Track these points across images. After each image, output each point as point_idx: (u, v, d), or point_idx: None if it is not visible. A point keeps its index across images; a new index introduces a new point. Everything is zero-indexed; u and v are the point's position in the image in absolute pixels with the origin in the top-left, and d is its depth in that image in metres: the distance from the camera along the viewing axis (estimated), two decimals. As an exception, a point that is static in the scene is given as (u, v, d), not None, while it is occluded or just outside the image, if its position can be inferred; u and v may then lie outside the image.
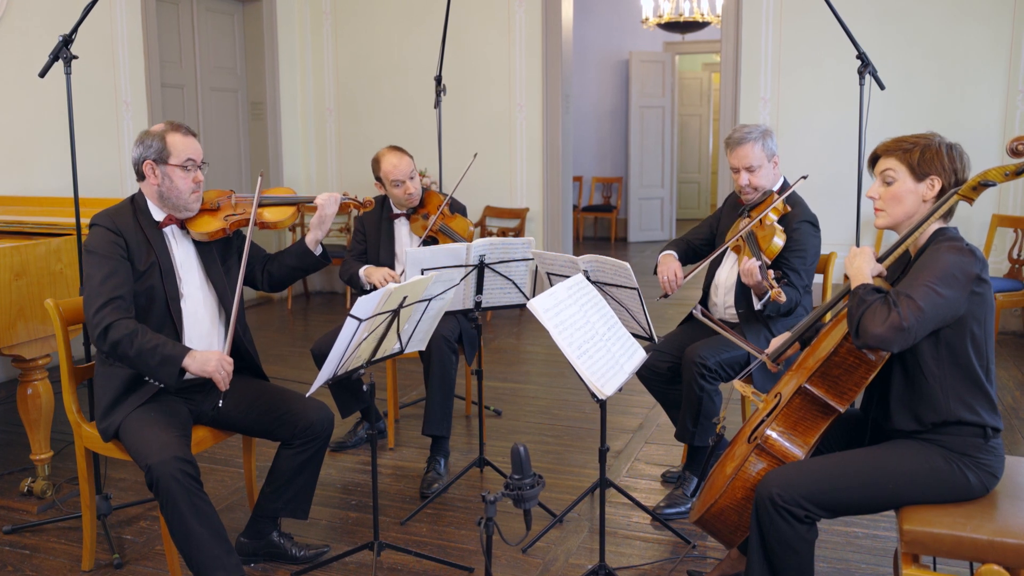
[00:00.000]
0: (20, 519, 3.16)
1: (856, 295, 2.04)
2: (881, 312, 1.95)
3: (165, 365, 2.45)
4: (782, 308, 2.98)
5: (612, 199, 10.92)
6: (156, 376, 2.51)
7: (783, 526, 2.05)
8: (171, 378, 2.47)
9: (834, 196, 5.96)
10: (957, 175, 2.11)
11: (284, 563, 2.83)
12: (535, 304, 2.30)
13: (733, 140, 3.20)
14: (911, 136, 2.17)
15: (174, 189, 2.63)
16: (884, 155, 2.18)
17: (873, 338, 1.95)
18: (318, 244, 2.90)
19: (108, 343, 2.45)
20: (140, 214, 2.66)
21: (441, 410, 3.52)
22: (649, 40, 10.66)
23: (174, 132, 2.64)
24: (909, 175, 2.13)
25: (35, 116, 5.02)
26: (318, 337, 3.80)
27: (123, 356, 2.47)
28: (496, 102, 6.85)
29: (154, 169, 2.62)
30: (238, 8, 6.89)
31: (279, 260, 2.92)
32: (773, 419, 2.20)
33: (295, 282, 2.95)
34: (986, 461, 2.07)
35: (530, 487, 2.01)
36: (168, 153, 2.60)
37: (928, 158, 2.11)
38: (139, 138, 2.66)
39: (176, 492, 2.35)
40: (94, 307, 2.47)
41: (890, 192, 2.15)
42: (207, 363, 2.47)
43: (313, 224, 2.87)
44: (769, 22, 6.10)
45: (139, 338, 2.45)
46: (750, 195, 3.22)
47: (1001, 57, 5.61)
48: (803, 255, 3.10)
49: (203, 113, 6.57)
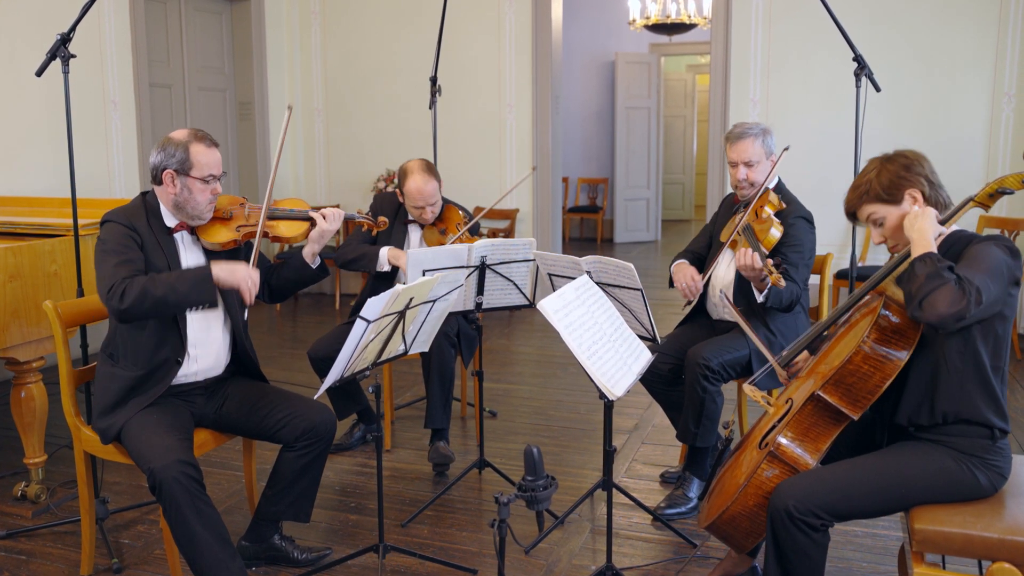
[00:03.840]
0: (15, 524, 3.12)
1: (930, 263, 1.96)
2: (953, 294, 1.90)
3: (198, 285, 2.43)
4: (784, 298, 3.00)
5: (598, 200, 10.94)
6: (195, 300, 2.45)
7: (800, 537, 2.06)
8: (211, 294, 2.45)
9: (825, 197, 5.98)
10: (926, 176, 2.15)
11: (286, 566, 2.81)
12: (545, 305, 2.29)
13: (734, 135, 3.24)
14: (857, 178, 2.24)
15: (191, 200, 2.58)
16: (857, 208, 2.23)
17: (934, 316, 1.91)
18: (316, 257, 2.84)
19: (129, 301, 2.37)
20: (152, 217, 2.62)
21: (442, 404, 3.55)
22: (635, 41, 10.69)
23: (198, 143, 2.58)
24: (888, 206, 2.18)
25: (22, 116, 4.96)
26: (306, 338, 3.78)
27: (153, 300, 2.39)
28: (486, 103, 6.85)
29: (174, 179, 2.56)
30: (226, 7, 6.85)
31: (276, 272, 2.88)
32: (784, 425, 2.20)
33: (293, 294, 2.89)
34: (994, 461, 2.09)
35: (543, 488, 2.01)
36: (191, 165, 2.55)
37: (887, 183, 2.16)
38: (161, 144, 2.59)
39: (180, 496, 2.33)
40: (107, 286, 2.41)
41: (887, 228, 2.20)
42: (235, 271, 2.48)
43: (312, 238, 2.78)
44: (759, 24, 6.13)
45: (157, 279, 2.42)
46: (746, 190, 3.25)
47: (987, 60, 5.67)
48: (800, 250, 3.12)
49: (191, 113, 6.52)
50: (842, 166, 5.86)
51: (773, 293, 2.98)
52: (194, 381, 2.68)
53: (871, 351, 2.05)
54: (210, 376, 2.72)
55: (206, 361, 2.68)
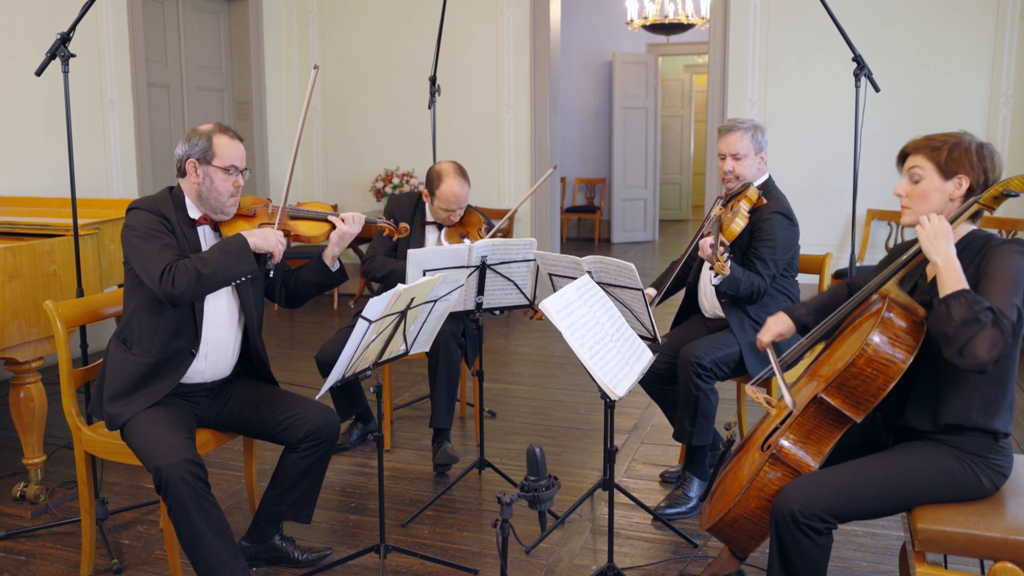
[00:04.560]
0: (14, 524, 3.11)
1: (965, 305, 1.90)
2: (992, 337, 1.87)
3: (241, 256, 2.51)
4: (742, 288, 3.05)
5: (595, 200, 10.95)
6: (240, 271, 2.52)
7: (804, 540, 2.06)
8: (252, 264, 2.55)
9: (822, 197, 6.02)
10: (987, 175, 2.10)
11: (287, 567, 2.81)
12: (547, 305, 2.29)
13: (724, 127, 3.30)
14: (942, 134, 2.15)
15: (214, 191, 2.60)
16: (913, 152, 2.17)
17: (975, 363, 1.88)
18: (336, 260, 2.86)
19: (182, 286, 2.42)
20: (177, 208, 2.64)
21: (447, 404, 3.56)
22: (632, 41, 10.70)
23: (222, 134, 2.62)
24: (937, 173, 2.12)
25: (20, 115, 4.95)
26: (305, 339, 3.77)
27: (203, 280, 2.45)
28: (484, 102, 6.84)
29: (196, 168, 2.59)
30: (224, 7, 6.84)
31: (297, 275, 2.90)
32: (787, 428, 2.20)
33: (310, 299, 2.92)
34: (997, 462, 2.09)
35: (546, 488, 2.01)
36: (213, 154, 2.58)
37: (956, 157, 2.10)
38: (186, 136, 2.64)
39: (185, 495, 2.33)
40: (158, 272, 2.44)
41: (917, 190, 2.14)
42: (267, 236, 2.60)
43: (332, 240, 2.81)
44: (757, 24, 6.14)
45: (202, 259, 2.47)
46: (731, 183, 3.28)
47: (984, 60, 5.69)
48: (772, 245, 3.13)
49: (188, 112, 6.51)
50: (839, 166, 5.88)
51: (726, 281, 3.00)
52: (200, 382, 2.68)
53: (874, 354, 2.04)
54: (217, 378, 2.72)
55: (215, 358, 2.68)
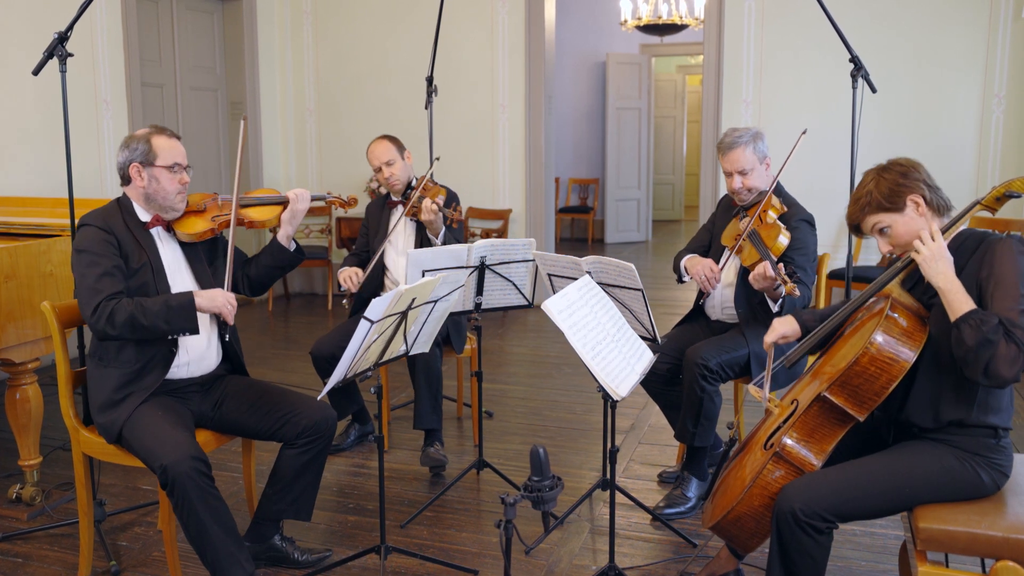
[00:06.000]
0: (10, 527, 3.09)
1: (975, 327, 1.94)
2: (1010, 355, 1.92)
3: (182, 313, 2.48)
4: (798, 305, 2.98)
5: (589, 200, 10.96)
6: (179, 328, 2.50)
7: (805, 539, 2.07)
8: (193, 323, 2.50)
9: (818, 198, 6.00)
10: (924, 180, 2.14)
11: (287, 567, 2.80)
12: (549, 305, 2.29)
13: (724, 145, 3.21)
14: (855, 192, 2.22)
15: (161, 190, 2.63)
16: (861, 220, 2.21)
17: (1000, 382, 1.95)
18: (290, 240, 2.89)
19: (118, 327, 2.43)
20: (127, 215, 2.66)
21: (430, 403, 3.52)
22: (625, 42, 10.71)
23: (159, 135, 2.65)
24: (891, 214, 2.15)
25: (12, 115, 4.92)
26: (299, 338, 3.77)
27: (139, 328, 2.45)
28: (479, 103, 6.84)
29: (140, 172, 2.62)
30: (218, 7, 6.81)
31: (255, 261, 2.92)
32: (790, 426, 2.20)
33: (273, 283, 2.95)
34: (998, 460, 2.10)
35: (549, 489, 2.01)
36: (155, 155, 2.61)
37: (886, 192, 2.14)
38: (124, 142, 2.66)
39: (192, 491, 2.34)
40: (92, 305, 2.45)
41: (894, 236, 2.18)
42: (215, 298, 2.55)
43: (284, 220, 2.86)
44: (751, 24, 6.15)
45: (144, 305, 2.46)
46: (745, 196, 3.24)
47: (978, 62, 5.71)
48: (806, 252, 3.13)
49: (182, 113, 6.49)
50: (835, 166, 5.89)
51: (787, 302, 2.96)
52: (188, 377, 2.68)
53: (878, 353, 2.06)
54: (204, 372, 2.73)
55: (197, 352, 2.69)
